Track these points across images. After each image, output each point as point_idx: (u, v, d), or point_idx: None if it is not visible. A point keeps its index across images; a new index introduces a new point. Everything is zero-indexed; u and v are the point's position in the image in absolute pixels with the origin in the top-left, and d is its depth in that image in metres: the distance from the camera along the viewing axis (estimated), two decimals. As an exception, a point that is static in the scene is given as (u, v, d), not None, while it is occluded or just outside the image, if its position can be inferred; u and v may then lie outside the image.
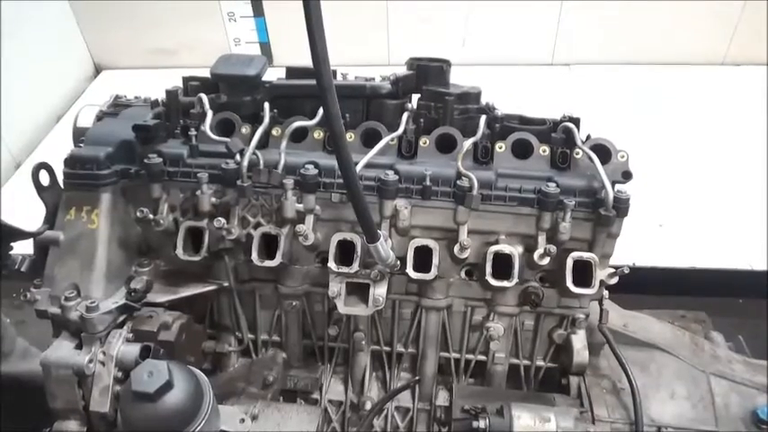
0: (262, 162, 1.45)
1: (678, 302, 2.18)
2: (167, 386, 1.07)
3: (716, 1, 4.06)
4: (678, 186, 3.19)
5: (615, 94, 3.99)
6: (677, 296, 2.46)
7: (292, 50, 3.14)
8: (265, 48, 4.52)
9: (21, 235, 1.44)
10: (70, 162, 1.47)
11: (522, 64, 4.36)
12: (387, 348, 1.64)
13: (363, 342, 1.59)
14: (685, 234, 2.94)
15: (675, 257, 2.81)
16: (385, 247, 1.29)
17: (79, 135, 1.58)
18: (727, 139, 3.55)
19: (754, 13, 4.07)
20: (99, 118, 1.64)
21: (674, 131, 3.61)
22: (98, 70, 4.74)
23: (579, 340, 1.52)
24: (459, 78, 1.60)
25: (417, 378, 1.62)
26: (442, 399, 1.62)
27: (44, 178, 1.51)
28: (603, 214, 1.37)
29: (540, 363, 1.61)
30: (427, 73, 1.56)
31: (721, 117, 3.74)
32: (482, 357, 1.61)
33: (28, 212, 1.54)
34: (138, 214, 1.46)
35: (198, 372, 1.20)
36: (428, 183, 1.42)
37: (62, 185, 1.50)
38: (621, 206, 1.37)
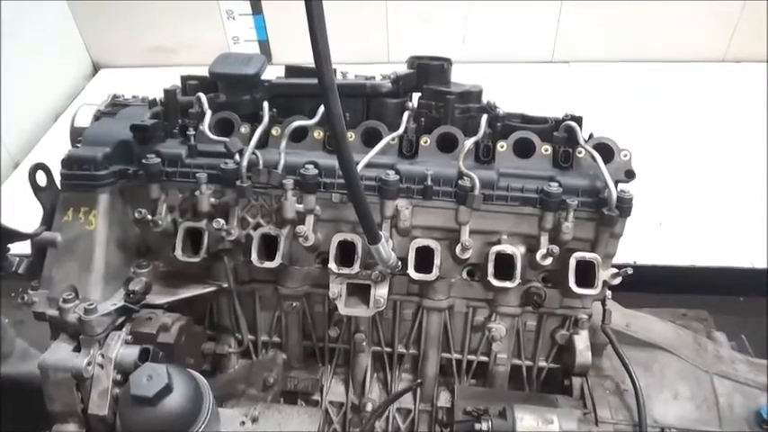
0: (261, 162, 1.43)
1: (679, 301, 2.17)
2: (167, 390, 1.06)
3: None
4: (679, 184, 3.18)
5: (615, 91, 3.98)
6: (678, 294, 2.46)
7: (291, 48, 3.13)
8: (264, 46, 4.51)
9: (18, 236, 1.43)
10: (67, 162, 1.46)
11: (521, 61, 4.34)
12: (388, 349, 1.62)
13: (364, 343, 1.57)
14: (686, 232, 2.93)
15: (676, 255, 2.80)
16: (386, 248, 1.28)
17: (77, 135, 1.57)
18: (728, 137, 3.54)
19: (754, 10, 4.06)
20: (96, 118, 1.63)
21: (675, 129, 3.60)
22: (96, 69, 4.73)
23: (582, 341, 1.51)
24: (459, 75, 1.59)
25: (419, 381, 1.61)
26: (443, 400, 1.61)
27: (41, 179, 1.49)
28: (607, 214, 1.35)
29: (542, 363, 1.60)
30: (428, 71, 1.55)
31: (722, 114, 3.73)
32: (484, 358, 1.60)
33: (27, 212, 1.53)
34: (137, 215, 1.44)
35: (197, 375, 1.18)
36: (429, 183, 1.41)
37: (59, 186, 1.49)
38: (625, 206, 1.36)
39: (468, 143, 1.43)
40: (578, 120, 1.48)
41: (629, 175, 1.43)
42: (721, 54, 4.29)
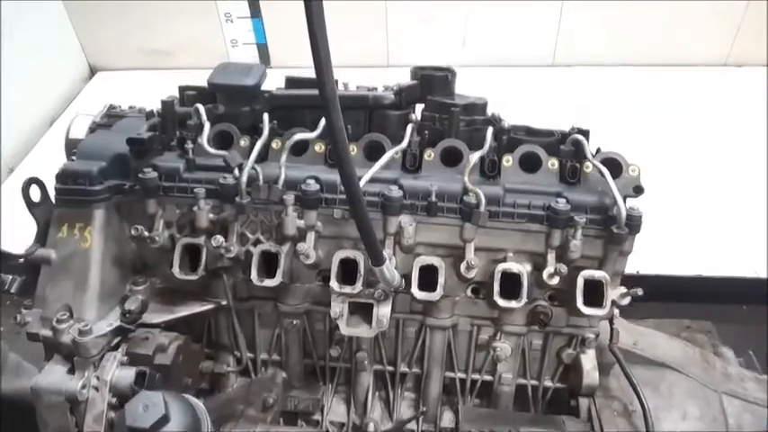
0: (261, 177, 1.39)
1: (682, 310, 2.14)
2: (163, 420, 1.02)
3: (718, 1, 4.02)
4: (681, 191, 3.15)
5: (616, 95, 3.95)
6: (681, 303, 2.42)
7: (290, 52, 3.09)
8: (263, 49, 4.46)
9: (10, 258, 1.39)
10: (62, 177, 1.41)
11: (522, 65, 4.31)
12: (390, 368, 1.59)
13: (366, 362, 1.54)
14: (689, 241, 2.90)
15: (679, 265, 2.77)
16: (390, 269, 1.24)
17: (72, 147, 1.53)
18: (731, 142, 3.51)
19: (756, 14, 4.03)
20: (92, 129, 1.59)
21: (677, 133, 3.57)
22: (93, 72, 4.68)
23: (589, 360, 1.48)
24: (460, 79, 1.55)
25: (424, 410, 1.56)
26: (446, 420, 1.57)
27: (35, 193, 1.45)
28: (616, 232, 1.32)
29: (548, 383, 1.56)
30: (432, 82, 1.51)
31: (724, 119, 3.70)
32: (488, 377, 1.56)
33: (21, 219, 1.49)
34: (133, 231, 1.40)
35: (195, 401, 1.15)
36: (433, 199, 1.37)
37: (54, 201, 1.45)
38: (634, 223, 1.33)
39: (474, 158, 1.39)
40: (585, 133, 1.44)
41: (638, 190, 1.40)
42: (723, 58, 4.27)
